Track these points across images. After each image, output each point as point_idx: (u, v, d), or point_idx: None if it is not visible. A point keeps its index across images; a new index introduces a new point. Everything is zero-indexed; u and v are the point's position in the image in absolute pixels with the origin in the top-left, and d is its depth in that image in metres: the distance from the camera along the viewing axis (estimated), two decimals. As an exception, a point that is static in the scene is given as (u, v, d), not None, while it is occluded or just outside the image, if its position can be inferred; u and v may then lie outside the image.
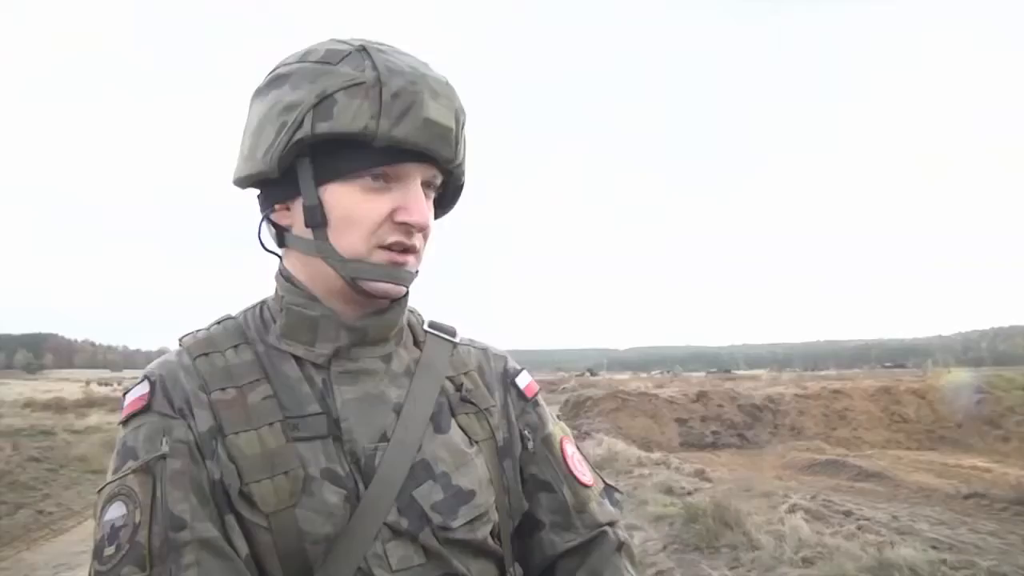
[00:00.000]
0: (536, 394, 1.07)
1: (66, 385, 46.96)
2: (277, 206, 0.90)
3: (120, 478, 0.80)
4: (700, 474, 11.08)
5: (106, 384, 50.49)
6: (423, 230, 0.87)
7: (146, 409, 0.84)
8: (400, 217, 0.84)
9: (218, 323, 0.95)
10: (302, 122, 0.81)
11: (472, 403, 0.98)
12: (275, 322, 0.92)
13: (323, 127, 0.81)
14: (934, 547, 6.61)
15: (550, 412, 1.09)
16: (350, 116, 0.80)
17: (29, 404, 22.35)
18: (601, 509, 1.02)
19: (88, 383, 52.26)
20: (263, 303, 0.97)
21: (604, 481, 1.07)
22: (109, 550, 0.76)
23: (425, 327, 1.04)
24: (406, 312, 0.98)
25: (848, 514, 8.49)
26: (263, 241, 0.95)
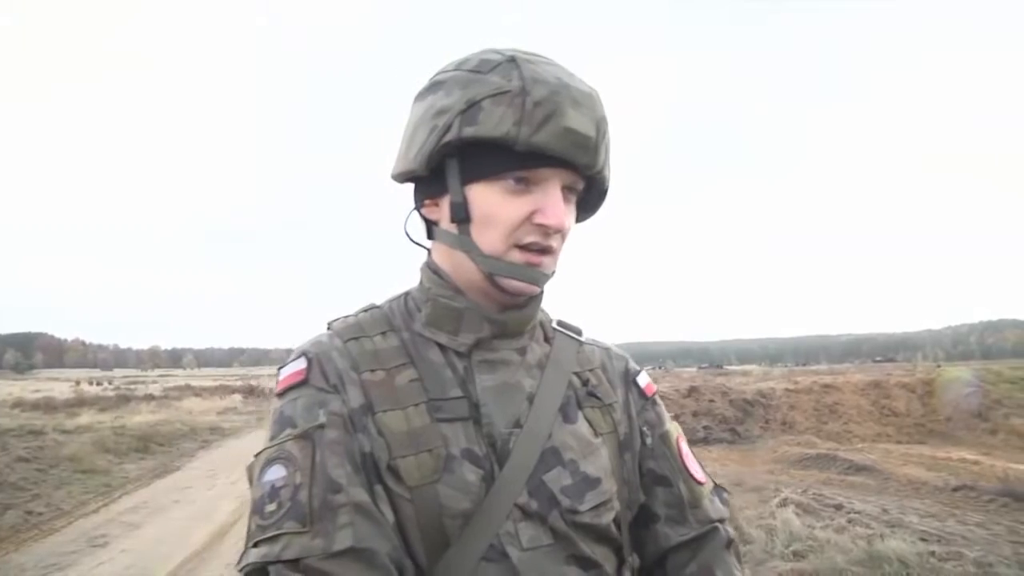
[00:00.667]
0: (654, 393, 1.14)
1: (56, 385, 46.74)
2: (427, 201, 0.98)
3: (279, 443, 0.86)
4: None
5: (97, 383, 50.15)
6: (559, 232, 0.91)
7: (303, 383, 0.91)
8: (538, 219, 0.89)
9: (364, 311, 1.03)
10: (451, 126, 0.88)
11: (597, 397, 1.04)
12: (419, 311, 1.00)
13: (469, 131, 0.87)
14: (923, 539, 6.66)
15: (666, 411, 1.14)
16: (494, 122, 0.86)
17: (18, 404, 22.23)
18: (713, 506, 1.07)
19: (79, 382, 52.02)
20: (407, 294, 1.05)
21: (713, 481, 1.12)
22: (271, 507, 0.82)
23: (554, 325, 1.10)
24: (539, 308, 1.04)
25: (839, 507, 8.53)
26: (408, 232, 1.03)
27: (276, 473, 0.84)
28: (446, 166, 0.92)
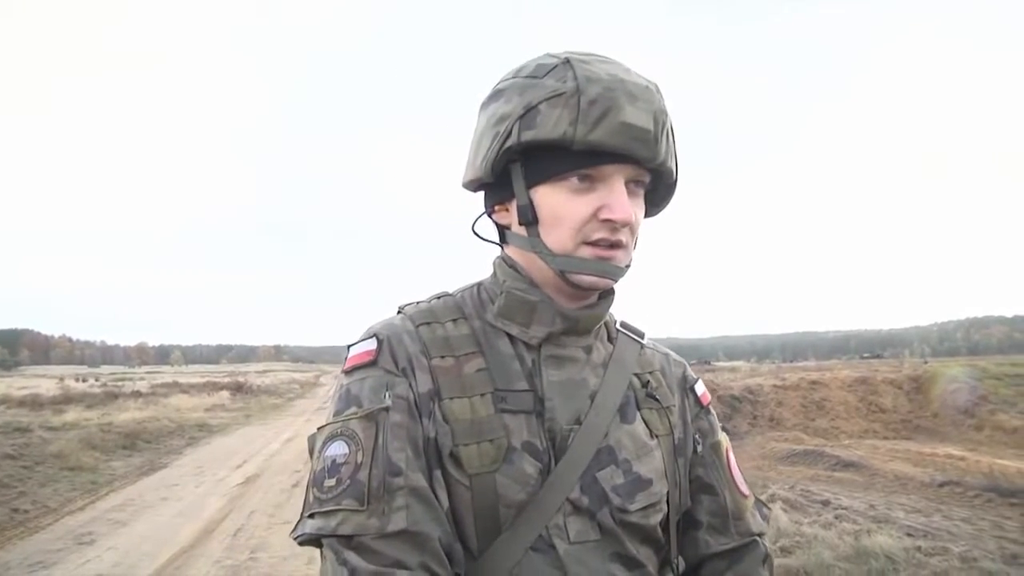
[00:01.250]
0: (709, 403, 1.15)
1: (42, 381, 46.44)
2: (497, 207, 1.00)
3: (343, 421, 0.89)
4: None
5: (83, 380, 49.82)
6: (626, 226, 0.92)
7: (372, 363, 0.93)
8: (604, 215, 0.90)
9: (437, 298, 1.05)
10: (511, 131, 0.90)
11: (656, 399, 1.05)
12: (492, 302, 1.01)
13: (528, 135, 0.89)
14: (909, 534, 6.72)
15: (718, 422, 1.16)
16: (551, 124, 0.87)
17: (4, 400, 22.06)
18: (754, 520, 1.09)
19: (62, 379, 51.68)
20: (480, 284, 1.06)
21: (756, 496, 1.13)
22: (330, 482, 0.85)
23: (617, 326, 1.11)
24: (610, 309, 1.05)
25: (826, 503, 8.60)
26: (477, 232, 1.06)
27: (338, 449, 0.87)
28: (511, 171, 0.94)
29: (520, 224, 0.96)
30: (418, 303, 1.04)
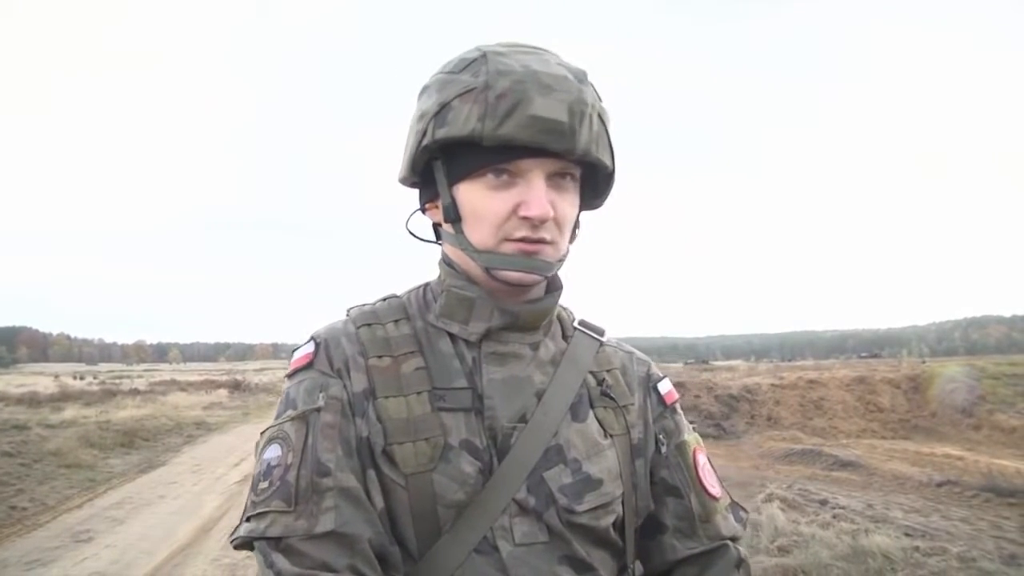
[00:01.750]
0: (675, 402, 1.13)
1: (40, 379, 46.39)
2: (428, 204, 1.00)
3: (279, 424, 0.90)
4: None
5: (81, 378, 49.82)
6: (544, 223, 0.90)
7: (309, 366, 0.94)
8: (521, 212, 0.89)
9: (383, 300, 1.05)
10: (426, 130, 0.90)
11: (611, 398, 1.02)
12: (436, 302, 1.01)
13: (441, 132, 0.88)
14: (907, 534, 6.72)
15: (686, 421, 1.13)
16: (462, 120, 0.87)
17: (2, 398, 22.04)
18: (725, 523, 1.05)
19: (57, 376, 51.61)
20: (426, 285, 1.06)
21: (731, 497, 1.10)
22: (263, 484, 0.86)
23: (575, 324, 1.09)
24: (558, 305, 1.03)
25: (824, 503, 8.60)
26: (411, 231, 1.05)
27: (273, 452, 0.88)
28: (434, 168, 0.94)
29: (445, 222, 0.95)
30: (363, 305, 1.04)
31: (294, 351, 0.99)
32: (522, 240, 0.90)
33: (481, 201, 0.90)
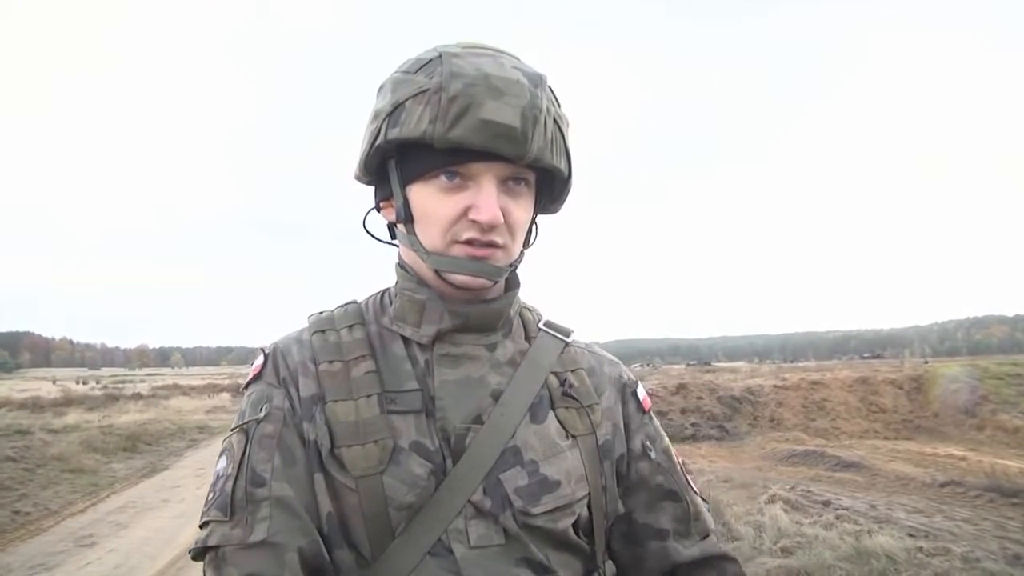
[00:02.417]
0: (650, 408, 1.12)
1: (43, 384, 46.41)
2: (383, 203, 1.00)
3: (228, 436, 0.93)
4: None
5: (84, 382, 49.84)
6: (493, 228, 0.89)
7: (257, 378, 0.96)
8: (471, 215, 0.88)
9: (342, 306, 1.05)
10: (379, 130, 0.90)
11: (574, 398, 1.01)
12: (391, 305, 1.01)
13: (393, 133, 0.88)
14: (911, 535, 6.70)
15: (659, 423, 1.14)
16: (414, 122, 0.86)
17: (5, 403, 22.06)
18: (708, 516, 1.07)
19: (55, 381, 51.66)
20: (386, 290, 1.06)
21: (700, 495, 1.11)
22: (210, 495, 0.88)
23: (540, 325, 1.08)
24: (515, 306, 1.03)
25: (827, 504, 8.58)
26: (368, 230, 1.04)
27: (222, 463, 0.90)
28: (388, 168, 0.94)
29: (397, 221, 0.95)
30: (321, 312, 1.04)
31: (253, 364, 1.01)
32: (469, 243, 0.89)
33: (432, 203, 0.90)
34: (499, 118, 0.84)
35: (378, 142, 0.90)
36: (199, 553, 0.86)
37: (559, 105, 0.93)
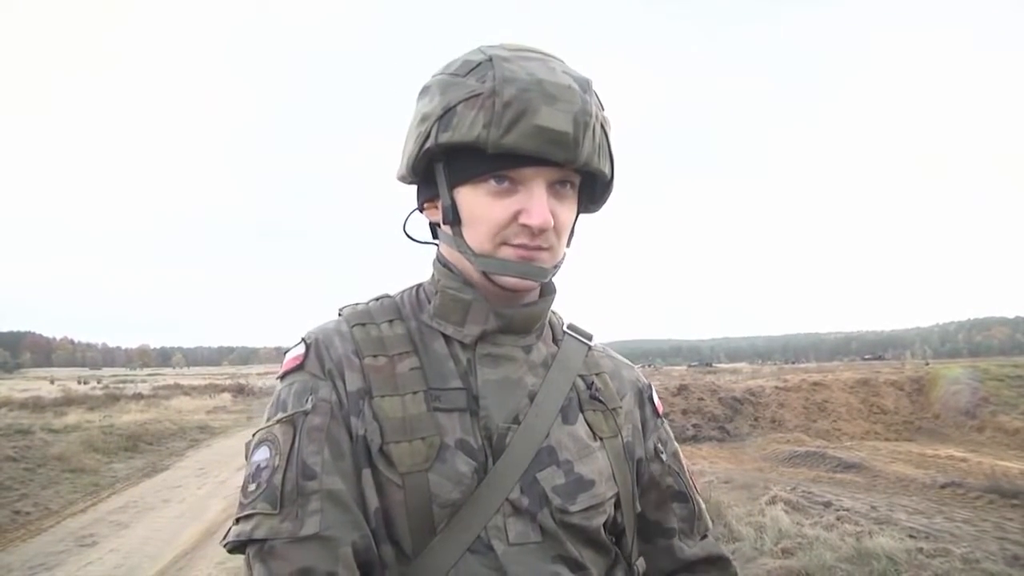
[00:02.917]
0: (662, 411, 1.16)
1: (44, 384, 46.48)
2: (427, 204, 1.00)
3: (268, 426, 0.90)
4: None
5: (84, 382, 49.91)
6: (544, 232, 0.90)
7: (299, 368, 0.94)
8: (522, 219, 0.89)
9: (376, 300, 1.05)
10: (429, 133, 0.89)
11: (600, 401, 1.03)
12: (429, 302, 1.01)
13: (444, 137, 0.88)
14: (911, 536, 6.71)
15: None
16: (467, 126, 0.86)
17: (6, 403, 22.08)
18: (707, 516, 1.11)
19: (53, 380, 51.72)
20: (419, 286, 1.06)
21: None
22: (251, 486, 0.86)
23: (564, 328, 1.10)
24: (550, 308, 1.04)
25: (827, 505, 8.59)
26: (407, 232, 1.05)
27: (262, 454, 0.88)
28: (436, 170, 0.94)
29: (444, 223, 0.95)
30: (356, 305, 1.04)
31: (285, 353, 0.99)
32: (521, 247, 0.90)
33: (482, 207, 0.90)
34: (553, 124, 0.85)
35: (428, 145, 0.90)
36: (239, 546, 0.84)
37: (603, 108, 0.95)
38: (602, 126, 0.92)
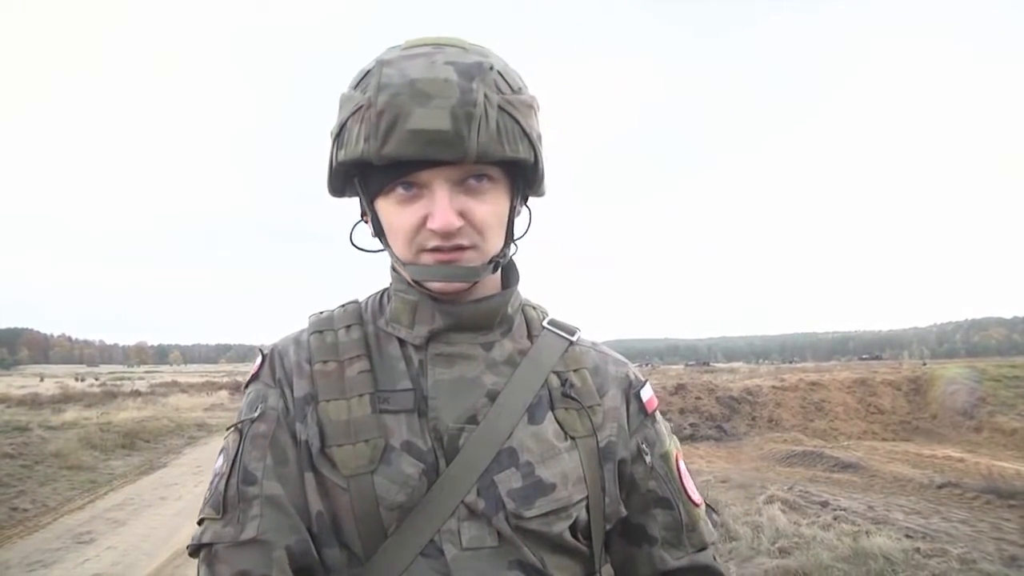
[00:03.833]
0: (655, 409, 1.08)
1: (35, 380, 46.36)
2: (364, 217, 0.99)
3: (226, 436, 0.94)
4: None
5: (81, 379, 49.81)
6: (449, 234, 0.86)
7: (255, 378, 0.97)
8: (428, 225, 0.86)
9: (343, 306, 1.05)
10: (333, 151, 0.90)
11: (574, 399, 0.98)
12: (388, 305, 1.01)
13: (341, 155, 0.88)
14: (908, 536, 6.71)
15: (667, 427, 1.09)
16: (353, 142, 0.85)
17: (3, 399, 22.06)
18: (707, 529, 1.03)
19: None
20: (385, 291, 1.04)
21: (705, 501, 1.08)
22: (206, 493, 0.89)
23: (544, 323, 1.05)
24: (515, 303, 1.01)
25: (824, 504, 8.59)
26: (354, 242, 1.02)
27: (219, 462, 0.91)
28: (356, 185, 0.93)
29: (373, 236, 0.96)
30: (321, 312, 1.04)
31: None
32: (435, 250, 0.88)
33: (393, 216, 0.89)
34: (427, 125, 0.81)
35: (334, 164, 0.90)
36: (195, 550, 0.87)
37: (515, 90, 0.89)
38: (503, 109, 0.85)
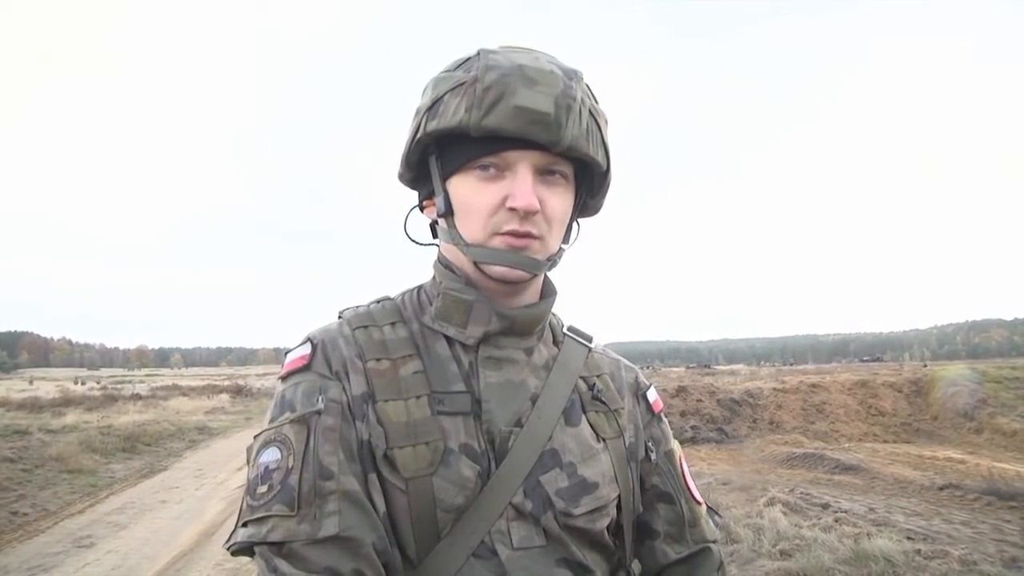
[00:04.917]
0: (661, 410, 1.14)
1: (42, 384, 46.40)
2: (426, 202, 1.02)
3: (276, 427, 0.88)
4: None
5: (82, 382, 49.84)
6: (534, 215, 0.90)
7: (306, 368, 0.93)
8: (509, 203, 0.89)
9: (377, 302, 1.04)
10: (420, 124, 0.92)
11: (603, 402, 1.03)
12: (431, 304, 1.00)
13: (432, 125, 0.90)
14: (909, 538, 6.71)
15: (669, 429, 1.15)
16: (451, 112, 0.88)
17: (3, 403, 22.05)
18: (708, 527, 1.09)
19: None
20: (420, 287, 1.05)
21: (707, 504, 1.13)
22: (262, 488, 0.84)
23: (565, 330, 1.10)
24: (551, 310, 1.04)
25: (826, 506, 8.58)
26: (408, 233, 1.05)
27: (271, 455, 0.86)
28: (430, 163, 0.96)
29: (439, 216, 0.96)
30: (357, 307, 1.03)
31: (287, 353, 0.98)
32: (510, 234, 0.90)
33: (471, 194, 0.91)
34: (532, 104, 0.86)
35: (418, 136, 0.92)
36: (248, 548, 0.82)
37: (596, 101, 0.95)
38: (592, 114, 0.92)
